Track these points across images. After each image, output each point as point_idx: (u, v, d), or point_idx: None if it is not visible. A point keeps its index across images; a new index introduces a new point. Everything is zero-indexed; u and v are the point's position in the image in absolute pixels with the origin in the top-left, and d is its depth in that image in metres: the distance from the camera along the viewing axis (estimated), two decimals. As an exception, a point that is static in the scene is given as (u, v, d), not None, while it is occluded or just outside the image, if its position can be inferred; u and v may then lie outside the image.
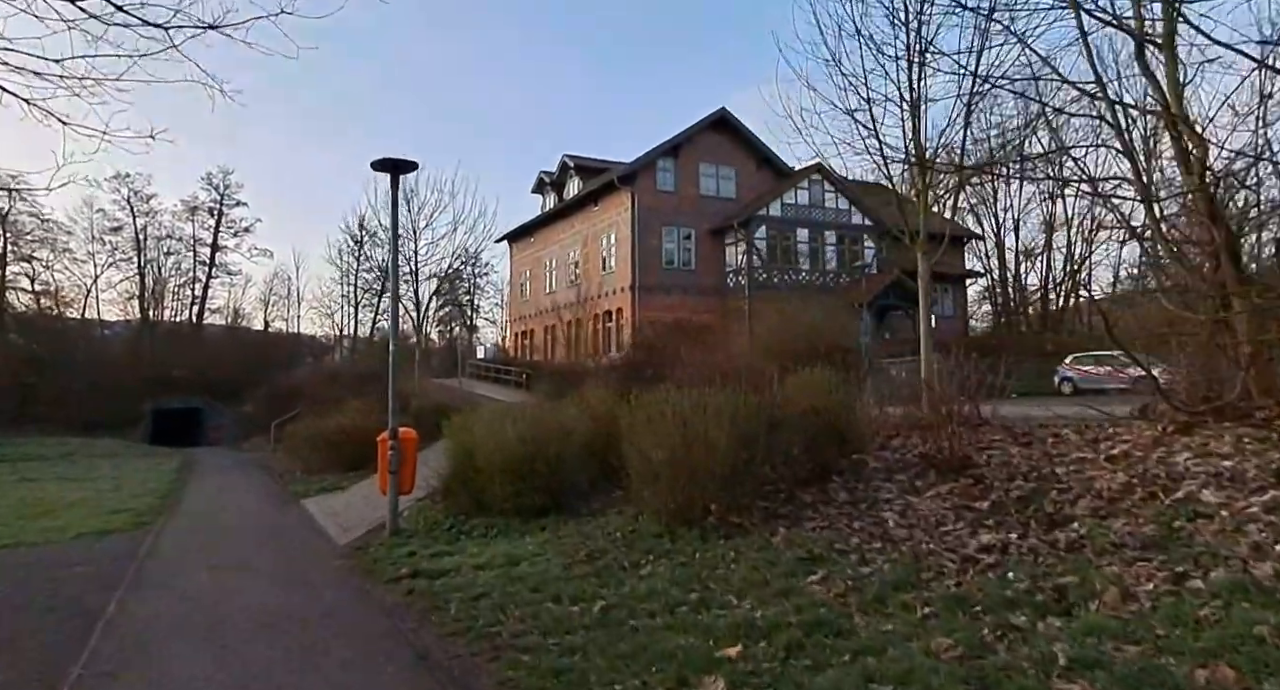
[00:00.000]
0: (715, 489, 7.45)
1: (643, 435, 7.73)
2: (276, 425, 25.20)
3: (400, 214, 28.78)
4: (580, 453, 9.36)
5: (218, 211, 52.40)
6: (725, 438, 7.45)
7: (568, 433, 9.31)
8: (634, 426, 7.99)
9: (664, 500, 7.53)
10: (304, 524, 11.57)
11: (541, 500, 9.03)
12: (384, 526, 10.61)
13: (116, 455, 26.51)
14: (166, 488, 16.51)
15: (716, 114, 31.90)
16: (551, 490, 9.10)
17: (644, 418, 7.84)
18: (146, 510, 13.02)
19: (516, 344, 41.81)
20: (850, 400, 8.85)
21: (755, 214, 30.57)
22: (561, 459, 9.10)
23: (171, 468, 21.07)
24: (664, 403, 7.78)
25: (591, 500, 9.74)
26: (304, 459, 18.27)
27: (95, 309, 49.12)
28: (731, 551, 6.69)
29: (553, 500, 9.19)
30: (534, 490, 9.01)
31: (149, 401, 37.08)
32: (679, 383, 9.57)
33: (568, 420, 9.51)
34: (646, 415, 7.80)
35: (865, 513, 7.11)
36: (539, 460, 9.01)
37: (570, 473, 9.26)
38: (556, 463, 9.06)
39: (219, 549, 9.64)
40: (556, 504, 9.27)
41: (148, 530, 11.26)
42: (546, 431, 9.16)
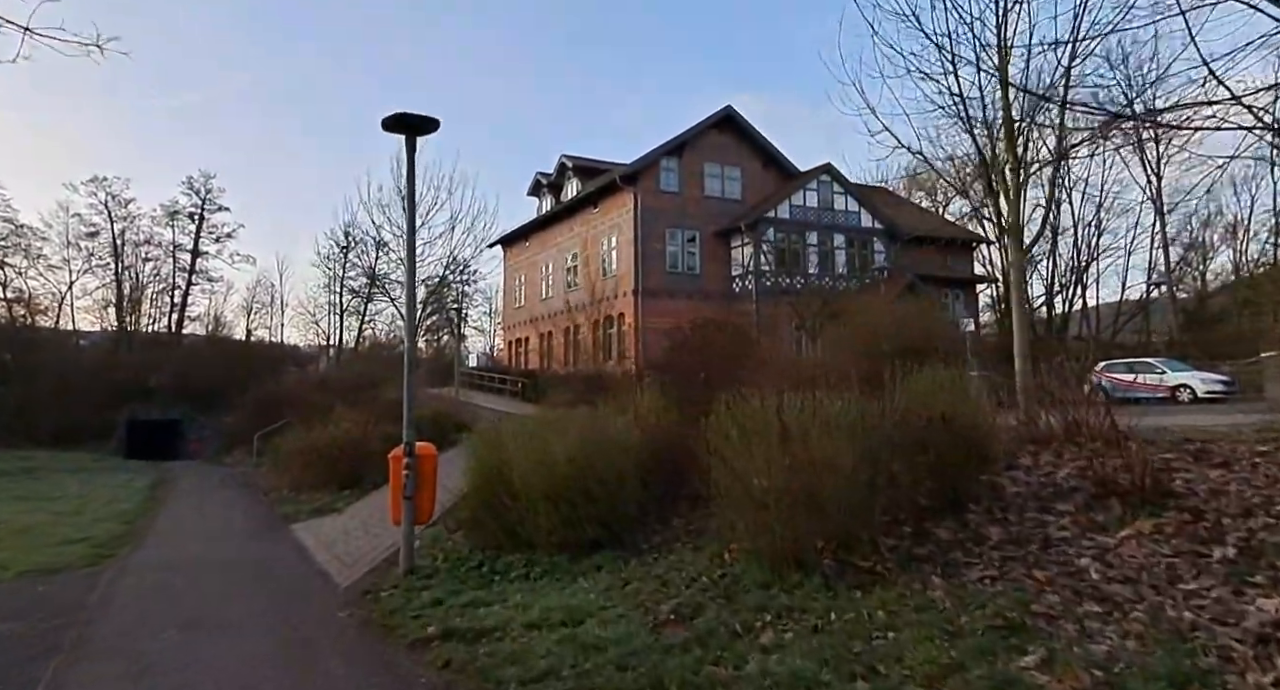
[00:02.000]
0: (840, 522, 5.69)
1: (739, 453, 5.95)
2: (261, 437, 23.15)
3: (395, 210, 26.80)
4: (635, 473, 7.56)
5: (199, 216, 50.02)
6: (850, 456, 5.71)
7: (624, 450, 7.50)
8: (723, 442, 6.20)
9: (768, 536, 5.75)
10: (296, 557, 9.66)
11: (594, 533, 7.20)
12: (393, 561, 8.77)
13: (86, 470, 24.27)
14: (136, 509, 14.48)
15: (722, 112, 30.29)
16: (606, 520, 7.29)
17: (739, 431, 6.05)
18: (109, 540, 11.04)
19: (510, 351, 39.89)
20: (984, 407, 7.11)
21: (763, 215, 28.94)
22: (620, 482, 7.30)
23: (144, 485, 18.97)
24: (767, 412, 6.00)
25: (650, 531, 7.94)
26: (292, 475, 16.28)
27: (70, 317, 46.69)
28: (879, 611, 4.91)
29: (607, 532, 7.38)
30: (585, 521, 7.18)
31: (124, 412, 34.72)
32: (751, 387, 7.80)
33: (619, 434, 7.69)
34: (744, 428, 6.01)
35: (1044, 557, 5.35)
36: (592, 483, 7.20)
37: (629, 499, 7.45)
38: (615, 486, 7.25)
39: (193, 595, 7.73)
40: (612, 536, 7.46)
41: (107, 566, 9.32)
42: (600, 448, 7.33)
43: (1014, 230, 9.90)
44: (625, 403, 9.92)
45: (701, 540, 7.31)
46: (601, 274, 31.46)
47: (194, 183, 49.06)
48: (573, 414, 8.05)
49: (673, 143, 29.79)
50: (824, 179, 30.16)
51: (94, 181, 46.42)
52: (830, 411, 5.90)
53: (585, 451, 7.24)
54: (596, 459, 7.25)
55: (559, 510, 7.22)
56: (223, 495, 17.23)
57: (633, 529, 7.80)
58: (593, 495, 7.17)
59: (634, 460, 7.48)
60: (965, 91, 9.67)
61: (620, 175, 28.98)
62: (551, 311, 35.06)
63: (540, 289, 36.47)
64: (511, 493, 7.75)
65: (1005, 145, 9.77)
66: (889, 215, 31.34)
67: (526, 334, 37.92)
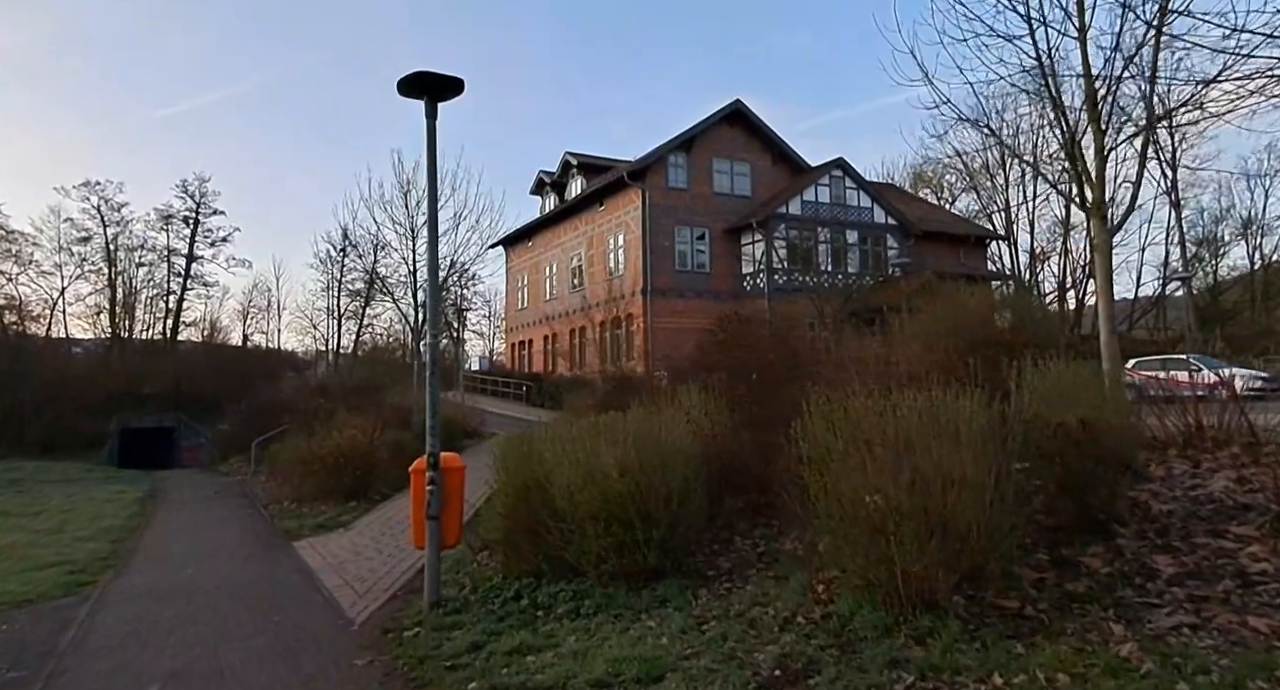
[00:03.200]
0: (974, 550, 4.57)
1: (845, 466, 4.82)
2: (258, 444, 21.89)
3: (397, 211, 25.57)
4: (700, 488, 6.42)
5: (193, 220, 48.83)
6: (979, 469, 4.60)
7: (685, 459, 6.35)
8: (820, 451, 5.07)
9: (884, 568, 4.61)
10: (302, 582, 8.47)
11: (655, 559, 6.05)
12: (413, 588, 7.64)
13: (74, 481, 22.97)
14: (124, 525, 13.26)
15: (730, 106, 29.26)
16: (667, 544, 6.14)
17: (843, 438, 4.91)
18: (90, 562, 9.85)
19: (512, 354, 38.75)
20: (1127, 407, 6.00)
21: (775, 212, 27.88)
22: (685, 498, 6.15)
23: (135, 497, 17.71)
24: (877, 416, 4.87)
25: (713, 553, 6.80)
26: (293, 485, 15.09)
27: (63, 323, 45.36)
28: (1059, 673, 3.78)
29: (669, 558, 6.23)
30: (644, 544, 6.03)
31: (116, 420, 33.39)
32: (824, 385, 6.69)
33: (679, 441, 6.53)
34: (849, 435, 4.88)
35: (1252, 597, 4.23)
36: (651, 500, 6.05)
37: (693, 518, 6.31)
38: (678, 504, 6.10)
39: (182, 634, 6.55)
40: (674, 562, 6.32)
41: (86, 596, 8.14)
42: (659, 458, 6.18)
43: (1098, 208, 8.76)
44: (662, 406, 8.80)
45: (777, 566, 6.19)
46: (608, 274, 30.39)
47: (188, 186, 47.89)
48: (620, 418, 6.86)
49: (681, 138, 28.76)
50: (836, 174, 29.16)
51: (86, 185, 45.27)
52: (954, 415, 4.77)
53: (642, 462, 6.09)
54: (655, 471, 6.10)
55: (612, 532, 6.07)
56: (218, 508, 16.00)
57: (695, 552, 6.67)
58: (652, 515, 6.02)
59: (695, 471, 6.32)
60: (1046, 51, 8.44)
61: (628, 171, 27.94)
62: (556, 313, 33.96)
63: (544, 290, 35.35)
64: (553, 511, 6.60)
65: (1088, 114, 8.62)
66: (902, 211, 30.30)
67: (530, 336, 36.79)
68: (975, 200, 39.82)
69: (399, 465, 15.64)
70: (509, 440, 8.38)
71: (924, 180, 41.97)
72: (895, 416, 4.79)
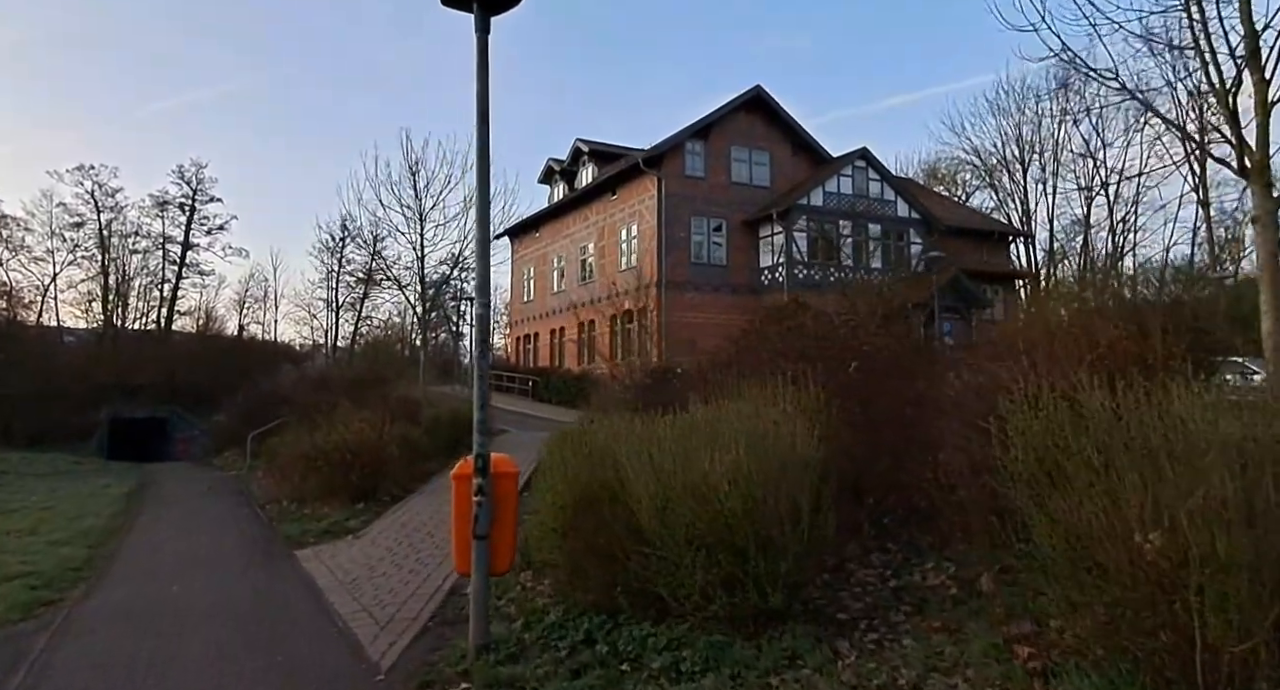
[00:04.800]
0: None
1: (1094, 492, 3.37)
2: (255, 438, 20.37)
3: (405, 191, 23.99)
4: (829, 506, 4.95)
5: (189, 207, 47.02)
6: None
7: (804, 467, 4.88)
8: (1031, 469, 3.63)
9: (1172, 640, 3.17)
10: (309, 603, 6.97)
11: (778, 599, 4.57)
12: (448, 619, 6.22)
13: (60, 474, 21.38)
14: (105, 526, 11.72)
15: (750, 92, 27.81)
16: (792, 579, 4.67)
17: (1089, 453, 3.46)
18: (60, 573, 8.33)
19: (517, 349, 37.22)
20: None
21: (796, 203, 26.44)
22: (816, 519, 4.69)
23: (121, 492, 16.16)
24: (1139, 422, 3.41)
25: (832, 588, 5.34)
26: (293, 483, 13.57)
27: (54, 311, 43.56)
28: None
29: (794, 597, 4.77)
30: (764, 579, 4.57)
31: (106, 410, 31.70)
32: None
33: (796, 445, 5.05)
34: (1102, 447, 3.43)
35: None
36: (772, 522, 4.59)
37: (820, 544, 4.84)
38: (809, 527, 4.64)
39: (161, 680, 5.07)
40: (799, 602, 4.86)
41: (47, 620, 6.65)
42: (777, 468, 4.72)
43: (1260, 171, 7.32)
44: (722, 403, 7.36)
45: (929, 609, 4.74)
46: (620, 266, 28.92)
47: (185, 172, 46.11)
48: (722, 414, 5.39)
49: (698, 124, 27.32)
50: (859, 164, 27.76)
51: (80, 170, 43.48)
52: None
53: (759, 471, 4.62)
54: (774, 484, 4.64)
55: (719, 562, 4.61)
56: (212, 506, 14.47)
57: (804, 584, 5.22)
58: (774, 542, 4.56)
59: (822, 483, 4.85)
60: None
61: (643, 158, 26.45)
62: (564, 306, 32.46)
63: (551, 282, 33.84)
64: (632, 530, 5.15)
65: (1249, 62, 7.19)
66: (925, 205, 28.95)
67: (535, 330, 35.28)
68: (989, 197, 38.58)
69: (410, 463, 14.22)
70: (561, 437, 6.93)
71: (937, 177, 40.67)
72: (1168, 421, 3.33)
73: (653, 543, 4.96)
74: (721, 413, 5.48)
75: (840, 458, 6.18)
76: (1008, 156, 36.32)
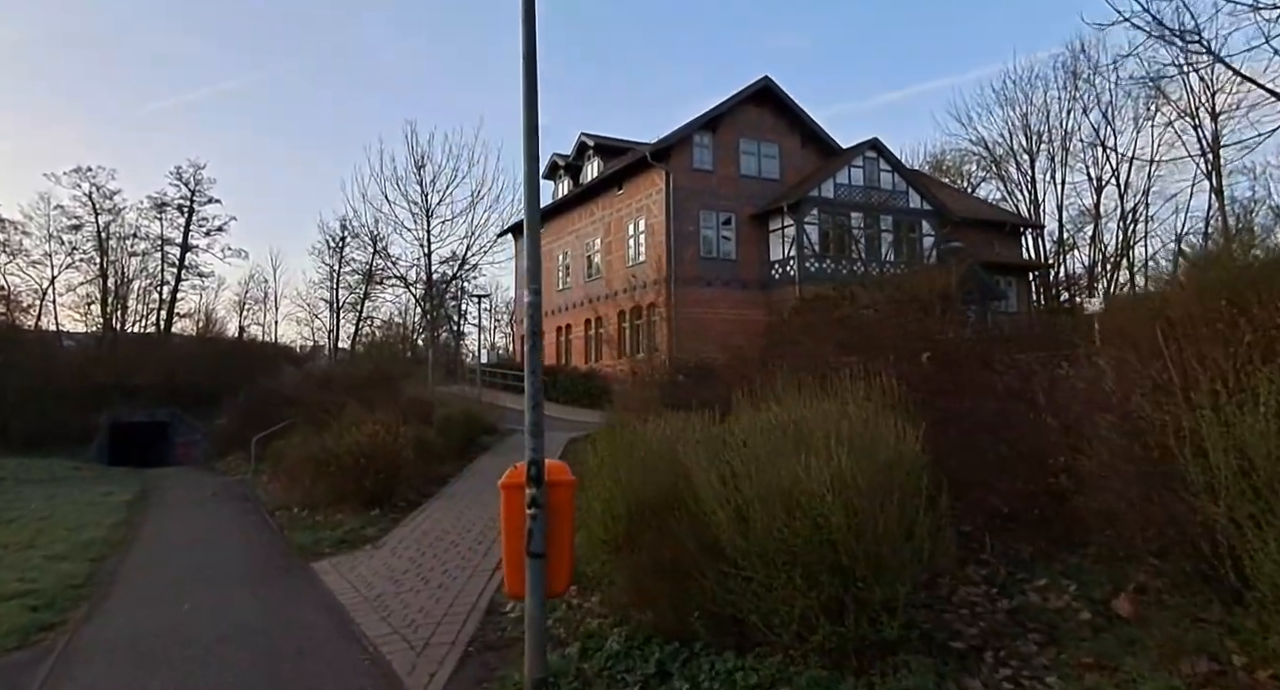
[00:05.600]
0: None
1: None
2: (259, 441, 19.67)
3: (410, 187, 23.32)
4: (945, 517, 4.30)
5: (188, 209, 46.28)
6: None
7: (909, 472, 4.23)
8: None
9: None
10: (334, 628, 6.31)
11: (891, 629, 3.92)
12: (485, 640, 5.58)
13: (59, 480, 20.67)
14: (107, 537, 11.04)
15: (758, 83, 27.15)
16: (907, 603, 4.02)
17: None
18: (59, 593, 7.66)
19: (522, 347, 36.52)
20: None
21: (807, 195, 25.79)
22: (935, 535, 4.04)
23: (124, 500, 15.46)
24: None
25: (934, 608, 4.69)
26: (303, 488, 12.90)
27: (53, 314, 42.78)
28: None
29: (905, 623, 4.11)
30: (876, 605, 3.92)
31: (106, 414, 30.94)
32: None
33: (904, 446, 4.40)
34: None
35: None
36: (883, 538, 3.95)
37: (935, 559, 4.19)
38: (930, 542, 3.99)
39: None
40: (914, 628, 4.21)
41: (46, 648, 5.99)
42: (885, 471, 4.07)
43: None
44: (761, 400, 6.71)
45: (1061, 637, 4.10)
46: (627, 261, 28.27)
47: (183, 173, 45.36)
48: (816, 411, 4.73)
49: (706, 116, 26.66)
50: (870, 155, 27.11)
51: (77, 172, 42.77)
52: None
53: (866, 477, 3.98)
54: (882, 492, 3.99)
55: (821, 584, 3.96)
56: (218, 514, 13.80)
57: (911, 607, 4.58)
58: (885, 561, 3.91)
59: (929, 491, 4.20)
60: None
61: (650, 151, 25.79)
62: (569, 303, 31.81)
63: (556, 279, 33.16)
64: (707, 545, 4.51)
65: None
66: (937, 196, 28.33)
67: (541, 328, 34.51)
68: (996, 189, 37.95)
69: (425, 467, 13.56)
70: (607, 440, 6.28)
71: (942, 170, 40.04)
72: None
73: (734, 560, 4.31)
74: (802, 411, 4.82)
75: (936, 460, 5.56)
76: (1015, 147, 35.68)
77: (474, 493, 12.09)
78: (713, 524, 4.55)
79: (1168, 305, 4.20)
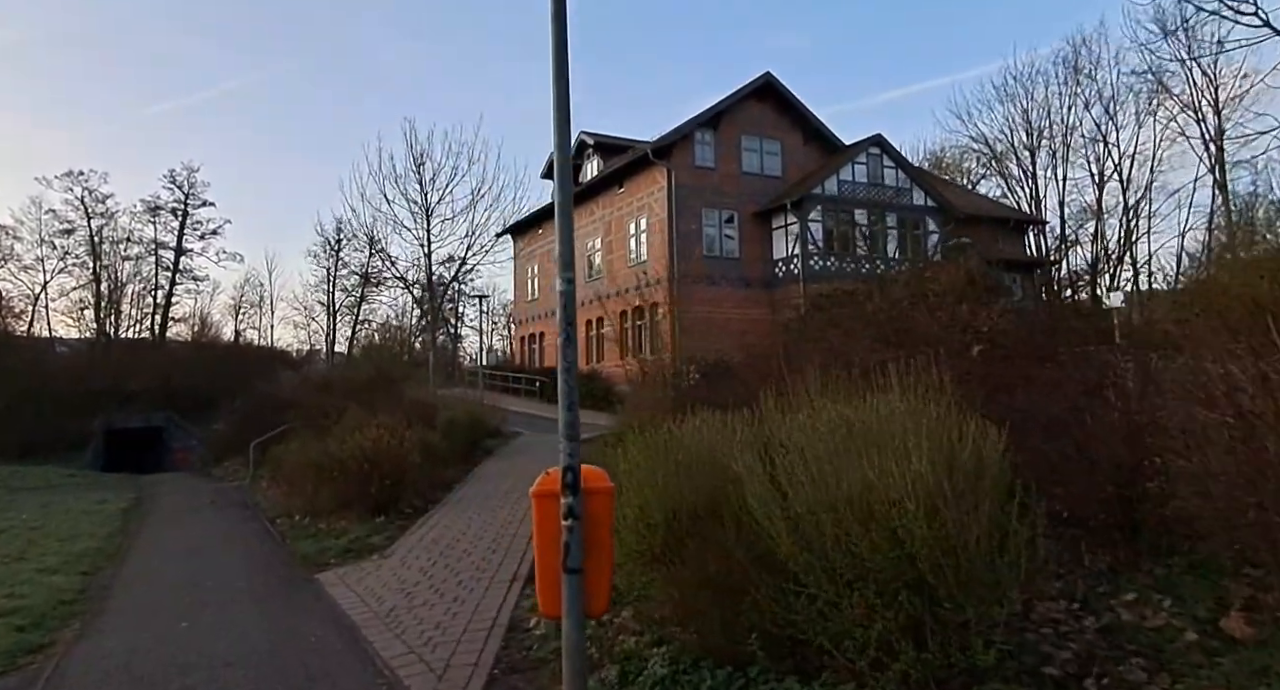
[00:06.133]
0: None
1: None
2: (257, 446, 19.17)
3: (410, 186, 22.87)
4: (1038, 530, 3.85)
5: (182, 212, 45.70)
6: None
7: (1002, 479, 3.78)
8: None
9: None
10: (345, 647, 5.83)
11: (989, 655, 3.46)
12: (511, 661, 5.13)
13: (53, 487, 20.17)
14: (101, 548, 10.56)
15: (760, 79, 26.76)
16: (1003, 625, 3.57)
17: None
18: (49, 610, 7.18)
19: (522, 349, 36.06)
20: None
21: (810, 192, 25.38)
22: (1031, 549, 3.59)
23: (118, 508, 14.96)
24: None
25: (1014, 627, 4.23)
26: (304, 495, 12.43)
27: (46, 320, 42.17)
28: None
29: (991, 643, 3.66)
30: (959, 626, 3.48)
31: (100, 420, 30.35)
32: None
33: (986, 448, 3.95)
34: None
35: None
36: (973, 553, 3.50)
37: (1037, 577, 3.73)
38: (1024, 560, 3.54)
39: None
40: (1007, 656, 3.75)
41: (32, 675, 5.51)
42: (973, 477, 3.63)
43: None
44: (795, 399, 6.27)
45: (1170, 660, 3.65)
46: (628, 261, 27.83)
47: (176, 176, 44.80)
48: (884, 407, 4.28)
49: (707, 113, 26.26)
50: (873, 152, 26.73)
51: (69, 176, 42.20)
52: None
53: (950, 483, 3.53)
54: (967, 501, 3.54)
55: (900, 604, 3.51)
56: (216, 521, 13.30)
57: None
58: (974, 577, 3.47)
59: (1019, 498, 3.75)
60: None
61: (652, 148, 25.37)
62: (570, 303, 31.19)
63: (556, 279, 32.60)
64: (761, 557, 4.08)
65: None
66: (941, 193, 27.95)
67: (540, 329, 34.15)
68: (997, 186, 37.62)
69: (430, 471, 13.06)
70: (637, 441, 5.82)
71: (942, 168, 39.69)
72: None
73: (796, 575, 3.87)
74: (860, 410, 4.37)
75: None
76: (1016, 143, 35.35)
77: (482, 498, 11.62)
78: (767, 534, 4.11)
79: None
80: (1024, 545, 3.43)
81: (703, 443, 5.27)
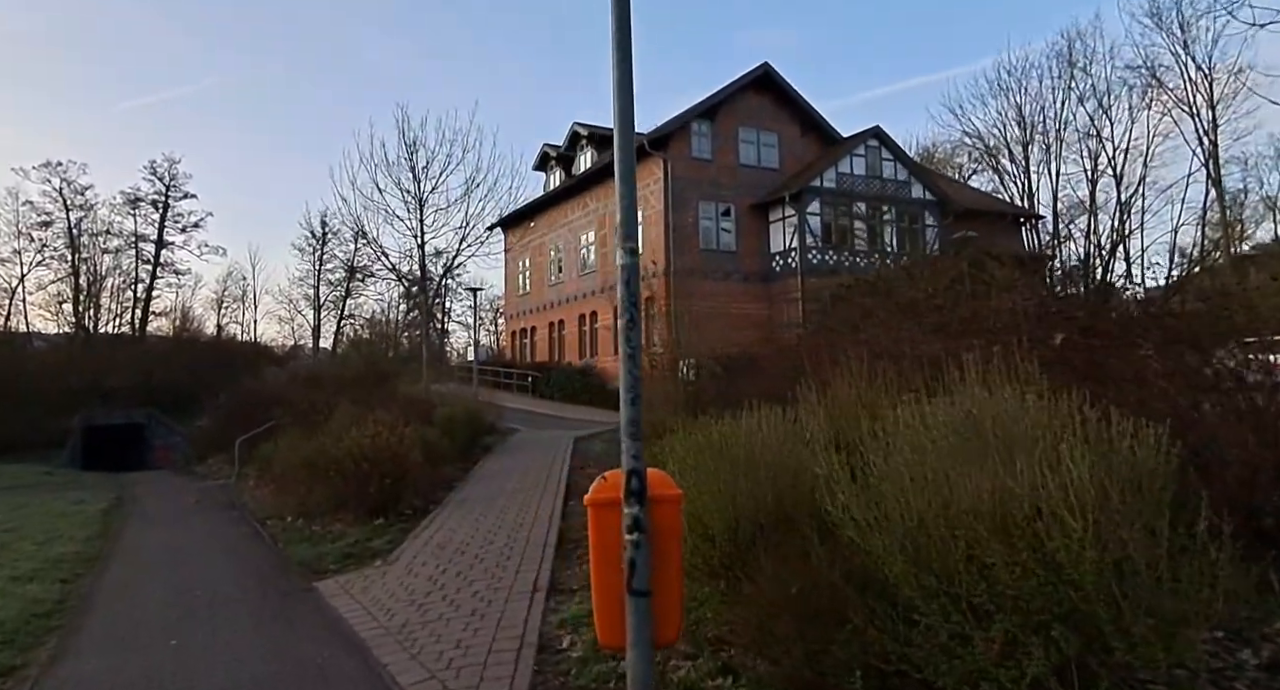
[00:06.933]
0: None
1: None
2: (243, 443, 18.33)
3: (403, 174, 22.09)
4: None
5: (163, 204, 44.61)
6: None
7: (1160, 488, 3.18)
8: None
9: None
10: (356, 671, 5.14)
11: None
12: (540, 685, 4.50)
13: (29, 487, 19.21)
14: (80, 553, 9.77)
15: (758, 70, 26.17)
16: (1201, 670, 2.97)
17: None
18: (21, 626, 6.43)
19: (514, 344, 35.32)
20: None
21: (808, 185, 24.83)
22: (1204, 564, 3.00)
23: (98, 509, 14.10)
24: None
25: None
26: (296, 495, 11.70)
27: (23, 313, 40.91)
28: None
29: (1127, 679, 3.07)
30: (1124, 667, 2.87)
31: (79, 416, 29.29)
32: None
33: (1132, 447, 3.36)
34: None
35: None
36: (1135, 573, 2.90)
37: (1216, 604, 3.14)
38: (1198, 575, 2.95)
39: None
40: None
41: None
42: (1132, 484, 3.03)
43: None
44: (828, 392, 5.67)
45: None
46: (623, 255, 27.00)
47: (157, 168, 43.70)
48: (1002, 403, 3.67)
49: (705, 104, 25.65)
50: (872, 144, 26.22)
51: (47, 166, 41.01)
52: None
53: (1103, 493, 2.93)
54: (1129, 516, 2.94)
55: (1052, 642, 2.90)
56: (202, 524, 12.51)
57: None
58: (1145, 607, 2.86)
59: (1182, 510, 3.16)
60: None
61: (648, 139, 24.66)
62: (562, 298, 30.65)
63: (548, 274, 31.99)
64: (855, 576, 3.46)
65: None
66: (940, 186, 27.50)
67: (532, 324, 33.45)
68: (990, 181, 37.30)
69: (429, 469, 12.34)
70: (683, 438, 5.19)
71: (933, 162, 39.32)
72: None
73: (910, 602, 3.25)
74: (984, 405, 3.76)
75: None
76: (1009, 138, 35.02)
77: (487, 498, 10.95)
78: (864, 550, 3.49)
79: None
80: (1208, 568, 2.82)
81: (764, 442, 4.64)
